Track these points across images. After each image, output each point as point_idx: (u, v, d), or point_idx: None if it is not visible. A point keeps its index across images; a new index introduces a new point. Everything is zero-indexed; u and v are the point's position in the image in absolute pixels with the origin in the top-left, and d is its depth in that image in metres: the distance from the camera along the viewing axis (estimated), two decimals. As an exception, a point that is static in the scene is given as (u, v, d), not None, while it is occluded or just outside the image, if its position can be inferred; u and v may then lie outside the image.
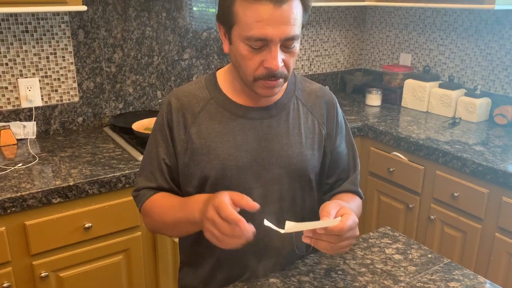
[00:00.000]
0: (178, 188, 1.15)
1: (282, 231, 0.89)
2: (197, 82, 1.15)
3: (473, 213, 1.83)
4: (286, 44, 0.98)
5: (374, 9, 2.90)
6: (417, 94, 2.48)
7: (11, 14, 1.88)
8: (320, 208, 0.98)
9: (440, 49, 2.56)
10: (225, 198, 0.89)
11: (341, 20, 2.87)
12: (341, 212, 0.95)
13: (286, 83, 1.15)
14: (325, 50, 2.87)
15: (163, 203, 1.10)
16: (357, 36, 2.98)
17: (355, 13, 2.91)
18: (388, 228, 1.31)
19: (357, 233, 0.96)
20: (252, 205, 0.88)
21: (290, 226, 0.90)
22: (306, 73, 2.83)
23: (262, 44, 0.97)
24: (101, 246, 1.66)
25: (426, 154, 1.98)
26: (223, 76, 1.14)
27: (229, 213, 0.86)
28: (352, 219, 0.93)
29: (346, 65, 3.00)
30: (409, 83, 2.52)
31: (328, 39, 2.86)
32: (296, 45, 1.01)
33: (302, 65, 2.80)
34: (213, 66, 2.44)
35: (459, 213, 1.89)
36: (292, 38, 0.97)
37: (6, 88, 1.94)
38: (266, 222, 0.91)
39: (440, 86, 2.42)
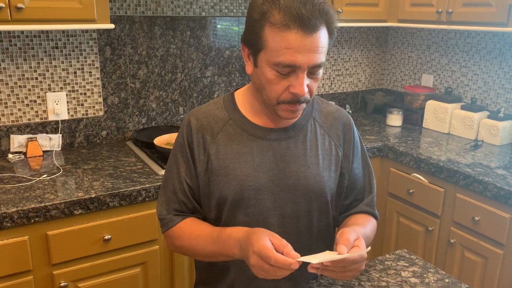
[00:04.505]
0: (201, 207, 1.16)
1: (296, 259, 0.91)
2: (216, 103, 1.17)
3: (495, 238, 1.79)
4: (312, 71, 1.01)
5: (397, 30, 2.91)
6: (439, 116, 2.47)
7: (42, 31, 1.96)
8: (338, 233, 0.98)
9: (462, 71, 2.54)
10: (267, 243, 0.90)
11: (363, 40, 2.89)
12: (355, 244, 0.95)
13: None
14: (346, 69, 2.88)
15: (193, 232, 1.10)
16: (379, 56, 2.99)
17: (377, 33, 2.92)
18: (405, 250, 1.30)
19: (363, 267, 0.97)
20: (294, 255, 0.89)
21: (303, 257, 0.92)
22: (326, 92, 2.84)
23: (289, 70, 0.99)
24: (119, 258, 1.69)
25: (446, 177, 1.95)
26: (241, 97, 1.16)
27: (279, 260, 0.87)
28: (359, 255, 0.93)
29: (367, 84, 3.00)
30: (431, 104, 2.51)
31: (349, 58, 2.87)
32: (320, 72, 1.03)
33: (323, 84, 2.82)
34: (234, 84, 2.47)
35: (480, 237, 1.86)
36: (318, 66, 1.00)
37: (35, 101, 2.02)
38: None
39: (462, 108, 2.40)
